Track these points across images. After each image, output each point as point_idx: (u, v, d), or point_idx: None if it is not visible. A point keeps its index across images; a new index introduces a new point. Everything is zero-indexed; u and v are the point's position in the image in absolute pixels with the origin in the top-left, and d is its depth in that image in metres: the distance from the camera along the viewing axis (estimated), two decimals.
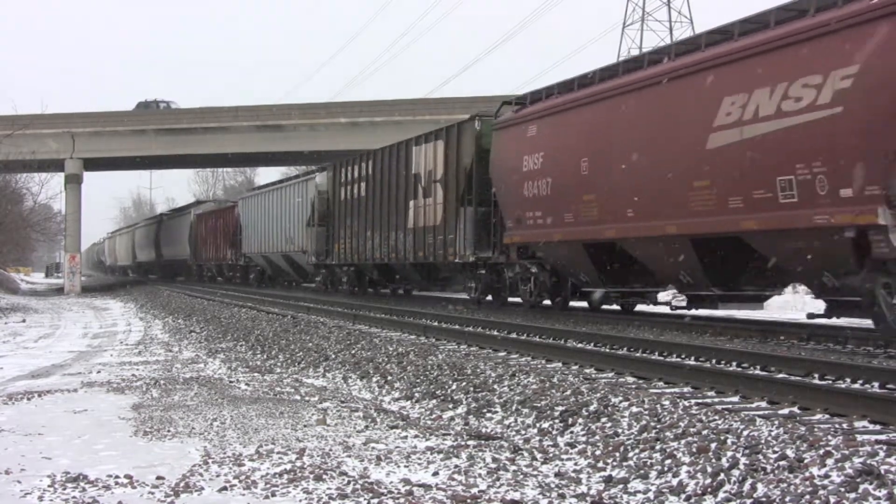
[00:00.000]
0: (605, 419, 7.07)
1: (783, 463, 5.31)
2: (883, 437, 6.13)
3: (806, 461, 5.25)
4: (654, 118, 14.58)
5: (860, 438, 5.77)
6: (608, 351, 11.38)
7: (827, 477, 5.01)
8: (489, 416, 8.14)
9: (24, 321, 25.76)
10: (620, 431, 6.73)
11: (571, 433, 7.07)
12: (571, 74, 17.46)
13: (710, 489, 5.31)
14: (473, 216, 20.33)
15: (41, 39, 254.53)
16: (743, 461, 5.49)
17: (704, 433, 6.14)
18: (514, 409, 8.05)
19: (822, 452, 5.31)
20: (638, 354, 11.01)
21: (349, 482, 5.82)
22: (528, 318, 17.14)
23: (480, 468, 6.22)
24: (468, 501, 5.44)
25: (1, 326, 23.68)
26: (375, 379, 10.71)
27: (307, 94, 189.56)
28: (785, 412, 7.22)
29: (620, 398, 7.40)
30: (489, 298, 21.25)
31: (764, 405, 7.58)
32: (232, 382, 11.00)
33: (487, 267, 20.52)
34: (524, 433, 7.43)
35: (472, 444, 7.03)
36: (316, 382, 11.21)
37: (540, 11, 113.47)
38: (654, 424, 6.61)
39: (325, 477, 5.94)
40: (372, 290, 29.55)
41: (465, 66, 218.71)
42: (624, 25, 61.62)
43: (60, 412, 8.91)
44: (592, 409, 7.35)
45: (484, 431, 7.61)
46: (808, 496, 4.85)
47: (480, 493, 5.62)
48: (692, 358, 10.35)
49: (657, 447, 6.16)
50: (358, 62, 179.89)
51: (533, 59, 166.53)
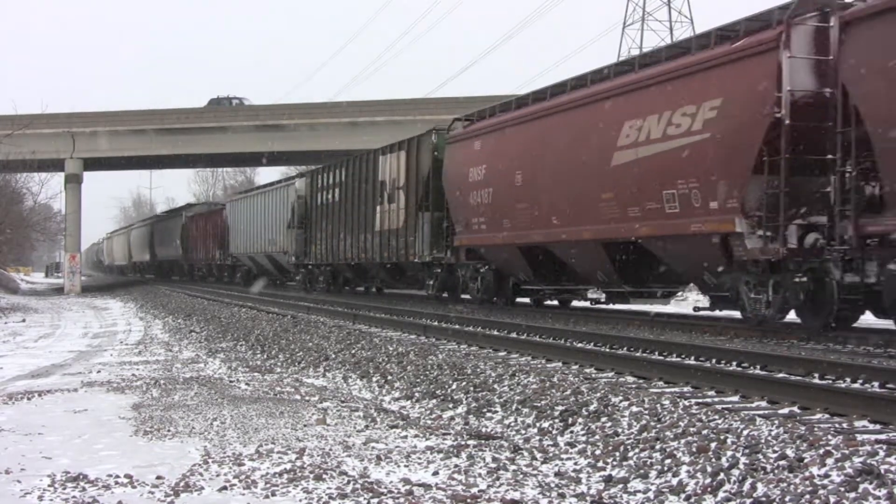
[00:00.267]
0: (605, 419, 7.07)
1: (783, 462, 5.31)
2: (883, 436, 6.13)
3: (806, 461, 5.25)
4: (572, 137, 16.81)
5: (860, 438, 5.77)
6: (608, 350, 11.39)
7: (827, 476, 5.00)
8: (489, 415, 8.14)
9: (24, 321, 25.76)
10: (620, 431, 6.72)
11: (571, 433, 7.07)
12: (571, 74, 18.01)
13: (709, 489, 5.31)
14: (430, 220, 22.60)
15: (41, 39, 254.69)
16: (743, 461, 5.49)
17: (704, 433, 6.14)
18: (514, 408, 8.05)
19: (822, 452, 5.31)
20: (638, 354, 11.02)
21: (349, 482, 5.81)
22: (528, 318, 17.30)
23: (480, 468, 6.22)
24: (468, 501, 5.44)
25: (1, 326, 23.68)
26: (375, 379, 10.71)
27: (307, 94, 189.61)
28: (785, 412, 7.22)
29: (620, 398, 7.40)
30: (445, 295, 23.54)
31: (764, 405, 7.58)
32: (232, 382, 11.00)
33: (443, 266, 22.76)
34: (524, 433, 7.43)
35: (472, 443, 7.03)
36: (316, 382, 11.21)
37: (540, 11, 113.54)
38: (653, 424, 6.61)
39: (325, 476, 5.93)
40: (348, 288, 31.53)
41: (465, 66, 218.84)
42: (624, 25, 61.64)
43: (60, 412, 8.91)
44: (592, 408, 7.35)
45: (484, 431, 7.60)
46: (808, 496, 4.85)
47: (480, 492, 5.62)
48: (692, 357, 10.36)
49: (657, 447, 6.16)
50: (358, 62, 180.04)
51: (533, 58, 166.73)
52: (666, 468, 5.79)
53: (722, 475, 5.39)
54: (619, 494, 5.58)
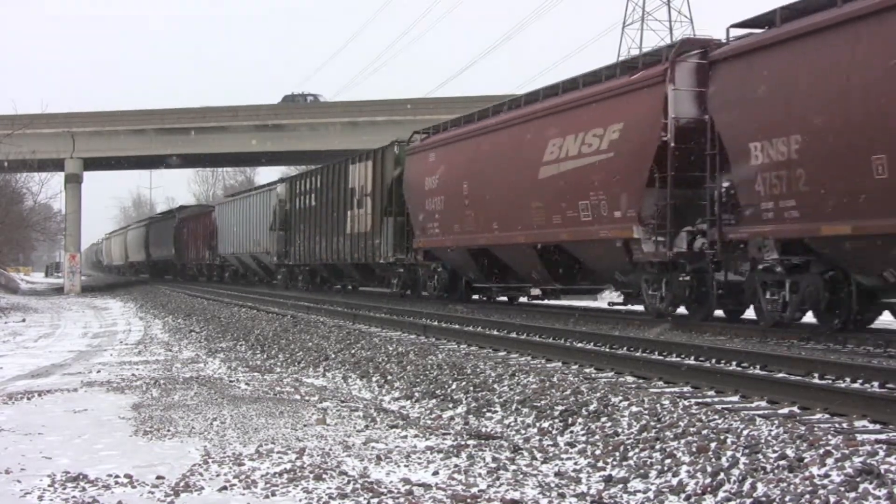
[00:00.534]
0: (604, 419, 7.07)
1: (783, 462, 5.31)
2: (883, 436, 6.13)
3: (806, 461, 5.25)
4: (509, 152, 18.94)
5: (860, 438, 5.77)
6: (608, 350, 11.39)
7: (827, 476, 5.00)
8: (489, 415, 8.14)
9: (24, 321, 25.76)
10: (620, 431, 6.72)
11: (571, 433, 7.07)
12: (571, 74, 18.09)
13: (709, 489, 5.31)
14: (394, 225, 24.83)
15: (41, 39, 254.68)
16: (743, 461, 5.48)
17: (704, 433, 6.14)
18: (513, 408, 8.05)
19: (821, 452, 5.31)
20: (638, 354, 11.02)
21: (349, 482, 5.81)
22: (528, 318, 17.41)
23: (480, 468, 6.22)
24: (468, 501, 5.43)
25: (1, 326, 23.68)
26: (375, 378, 10.71)
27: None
28: (785, 412, 7.22)
29: (620, 398, 7.40)
30: (408, 292, 25.86)
31: (764, 405, 7.58)
32: (232, 382, 11.00)
33: (405, 266, 25.07)
34: (524, 433, 7.42)
35: (471, 443, 7.03)
36: (316, 382, 11.20)
37: (540, 11, 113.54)
38: (653, 424, 6.61)
39: (324, 476, 5.93)
40: (327, 286, 33.38)
41: (465, 66, 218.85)
42: (624, 25, 61.71)
43: (60, 412, 8.91)
44: (592, 408, 7.35)
45: (484, 431, 7.60)
46: (807, 496, 4.85)
47: (480, 492, 5.62)
48: (692, 357, 10.36)
49: (657, 447, 6.16)
50: (358, 62, 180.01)
51: (533, 58, 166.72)
52: (666, 468, 5.79)
53: (722, 475, 5.39)
54: (619, 494, 5.58)
